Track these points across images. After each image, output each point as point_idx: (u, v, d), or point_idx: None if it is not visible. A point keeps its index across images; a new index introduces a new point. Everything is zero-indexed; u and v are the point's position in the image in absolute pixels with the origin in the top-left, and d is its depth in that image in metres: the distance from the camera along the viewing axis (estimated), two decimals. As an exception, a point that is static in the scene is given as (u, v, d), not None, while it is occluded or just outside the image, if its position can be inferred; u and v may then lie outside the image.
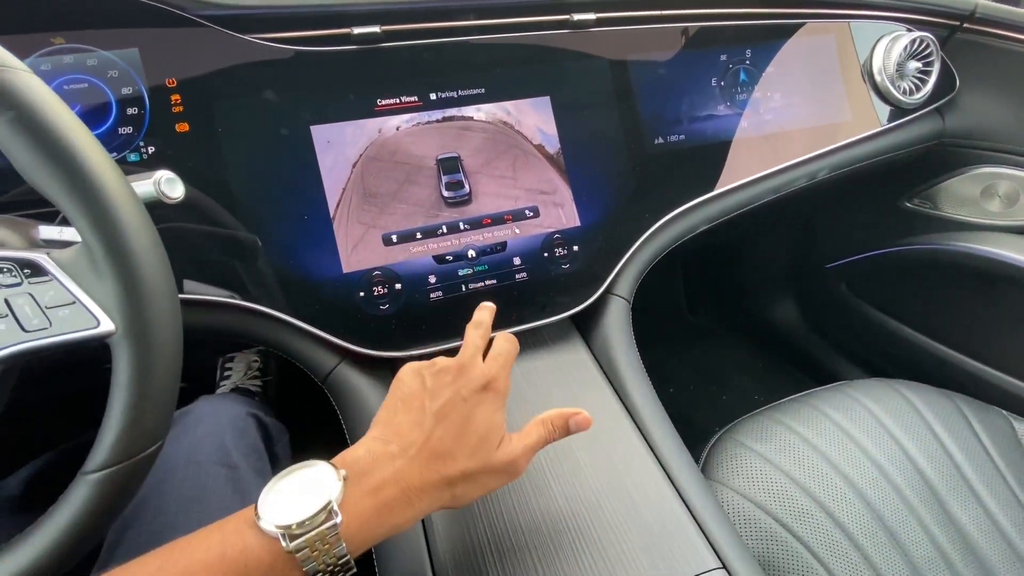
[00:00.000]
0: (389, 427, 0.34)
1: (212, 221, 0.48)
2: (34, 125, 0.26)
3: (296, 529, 0.27)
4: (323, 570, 0.28)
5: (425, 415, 0.34)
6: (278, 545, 0.27)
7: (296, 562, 0.28)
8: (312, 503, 0.28)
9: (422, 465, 0.32)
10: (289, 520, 0.27)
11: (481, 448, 0.34)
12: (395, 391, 0.36)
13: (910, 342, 0.88)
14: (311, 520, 0.28)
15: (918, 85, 0.70)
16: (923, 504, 0.56)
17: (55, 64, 0.45)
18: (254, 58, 0.49)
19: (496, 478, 0.35)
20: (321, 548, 0.28)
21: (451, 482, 0.33)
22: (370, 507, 0.30)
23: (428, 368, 0.37)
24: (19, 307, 0.29)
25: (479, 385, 0.36)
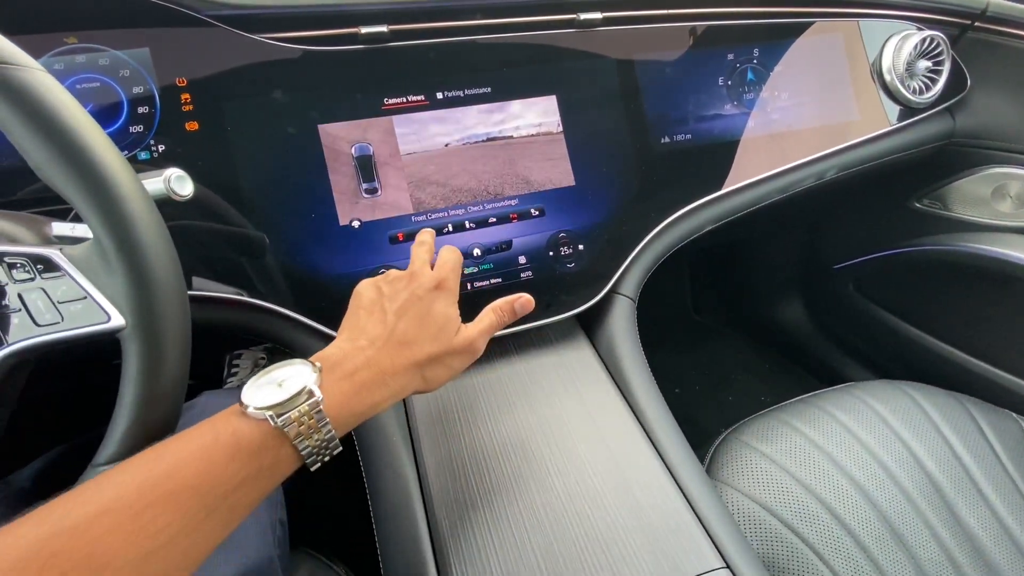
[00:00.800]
0: (355, 330, 0.37)
1: (220, 219, 0.49)
2: (48, 124, 0.27)
3: (280, 408, 0.29)
4: (311, 444, 0.30)
5: (387, 314, 0.37)
6: (267, 424, 0.29)
7: (285, 438, 0.29)
8: (293, 387, 0.30)
9: (391, 352, 0.35)
10: (272, 401, 0.29)
11: (441, 334, 0.38)
12: (354, 302, 0.40)
13: (918, 343, 0.88)
14: (293, 400, 0.29)
15: (928, 84, 0.69)
16: (930, 506, 0.56)
17: (68, 63, 0.46)
18: (263, 58, 0.50)
19: (460, 359, 0.39)
20: (307, 423, 0.30)
21: (420, 364, 0.36)
22: (347, 388, 0.33)
23: (383, 279, 0.41)
24: (32, 302, 0.30)
25: (431, 285, 0.40)
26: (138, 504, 0.24)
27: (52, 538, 0.22)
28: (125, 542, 0.23)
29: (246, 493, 0.28)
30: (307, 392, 0.30)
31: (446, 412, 0.48)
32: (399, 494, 0.43)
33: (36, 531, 0.22)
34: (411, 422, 0.48)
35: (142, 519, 0.24)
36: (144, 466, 0.26)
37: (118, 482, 0.25)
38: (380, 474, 0.45)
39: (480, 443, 0.45)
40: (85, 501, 0.24)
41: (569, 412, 0.47)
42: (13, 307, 0.30)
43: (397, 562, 0.40)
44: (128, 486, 0.25)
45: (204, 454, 0.27)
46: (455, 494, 0.42)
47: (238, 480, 0.27)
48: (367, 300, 0.39)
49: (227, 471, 0.27)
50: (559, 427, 0.46)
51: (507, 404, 0.48)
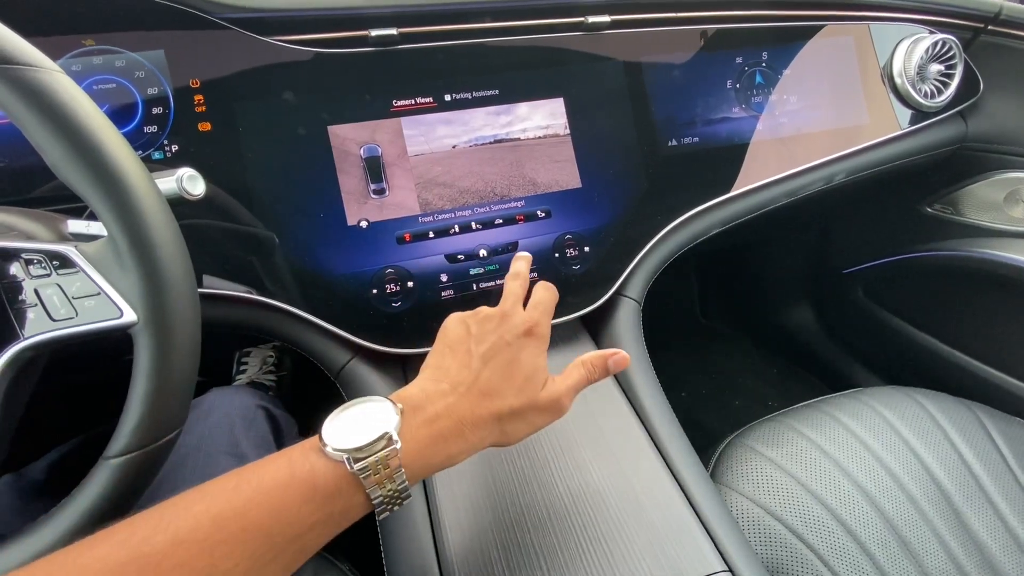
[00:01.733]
0: (439, 370, 0.36)
1: (231, 218, 0.49)
2: (65, 123, 0.27)
3: (359, 453, 0.28)
4: (383, 494, 0.29)
5: (472, 357, 0.36)
6: (343, 468, 0.28)
7: (360, 485, 0.29)
8: (373, 430, 0.29)
9: (472, 401, 0.34)
10: (352, 444, 0.29)
11: (527, 387, 0.36)
12: (441, 339, 0.38)
13: (929, 350, 0.87)
14: (372, 445, 0.29)
15: (940, 88, 0.69)
16: (938, 514, 0.55)
17: (85, 65, 0.47)
18: (274, 59, 0.51)
19: (542, 416, 0.36)
20: (383, 472, 0.29)
21: (500, 418, 0.34)
22: (426, 436, 0.31)
23: (472, 316, 0.39)
24: (48, 297, 0.30)
25: (522, 330, 0.37)
26: (211, 540, 0.24)
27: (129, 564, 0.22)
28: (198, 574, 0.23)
29: (313, 538, 0.28)
30: (387, 438, 0.29)
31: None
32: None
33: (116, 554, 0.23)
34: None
35: (214, 556, 0.24)
36: (221, 497, 0.26)
37: (198, 512, 0.25)
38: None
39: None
40: (165, 527, 0.24)
41: (573, 414, 0.47)
42: (29, 302, 0.31)
43: (400, 560, 0.40)
44: (203, 518, 0.25)
45: (279, 492, 0.27)
46: (458, 493, 0.42)
47: (309, 524, 0.27)
48: (453, 337, 0.37)
49: (300, 513, 0.27)
50: (562, 429, 0.46)
51: (511, 404, 0.49)
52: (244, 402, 0.55)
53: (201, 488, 0.26)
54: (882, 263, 0.91)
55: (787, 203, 0.65)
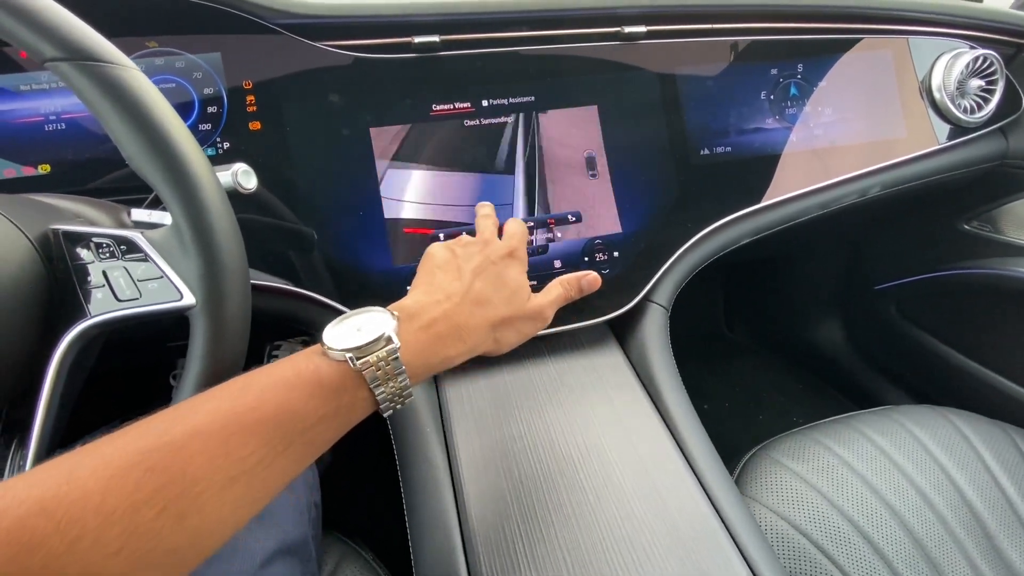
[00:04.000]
0: (430, 285, 0.38)
1: (275, 213, 0.52)
2: (143, 119, 0.30)
3: (360, 352, 0.30)
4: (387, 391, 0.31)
5: (462, 272, 0.39)
6: (346, 366, 0.30)
7: (363, 381, 0.30)
8: (372, 333, 0.31)
9: (467, 309, 0.37)
10: (353, 344, 0.30)
11: (514, 299, 0.40)
12: (427, 262, 0.41)
13: (963, 370, 0.84)
14: (372, 345, 0.30)
15: (980, 104, 0.68)
16: (969, 537, 0.54)
17: (148, 65, 0.50)
18: (322, 63, 0.53)
19: (530, 324, 0.42)
20: (385, 369, 0.30)
21: (493, 325, 0.38)
22: (424, 339, 0.34)
23: (455, 243, 0.42)
24: (115, 279, 0.33)
25: (505, 252, 0.42)
26: (226, 430, 0.25)
27: (150, 452, 0.23)
28: (213, 464, 0.24)
29: (322, 431, 0.29)
30: (386, 339, 0.31)
31: (478, 408, 0.49)
32: (431, 485, 0.45)
33: (136, 444, 0.24)
34: (444, 416, 0.49)
35: (229, 445, 0.25)
36: (231, 396, 0.27)
37: (210, 408, 0.26)
38: (413, 465, 0.47)
39: (511, 440, 0.46)
40: (181, 420, 0.25)
41: (599, 415, 0.48)
42: (96, 283, 0.33)
43: (427, 550, 0.41)
44: (217, 412, 0.26)
45: (286, 389, 0.28)
46: (485, 487, 0.43)
47: (317, 417, 0.28)
48: (440, 259, 0.40)
49: (307, 407, 0.28)
50: (589, 429, 0.47)
51: (538, 404, 0.49)
52: None
53: (208, 392, 0.28)
54: (917, 280, 0.89)
55: (819, 216, 0.65)
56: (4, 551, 0.19)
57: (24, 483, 0.21)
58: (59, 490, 0.21)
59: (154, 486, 0.22)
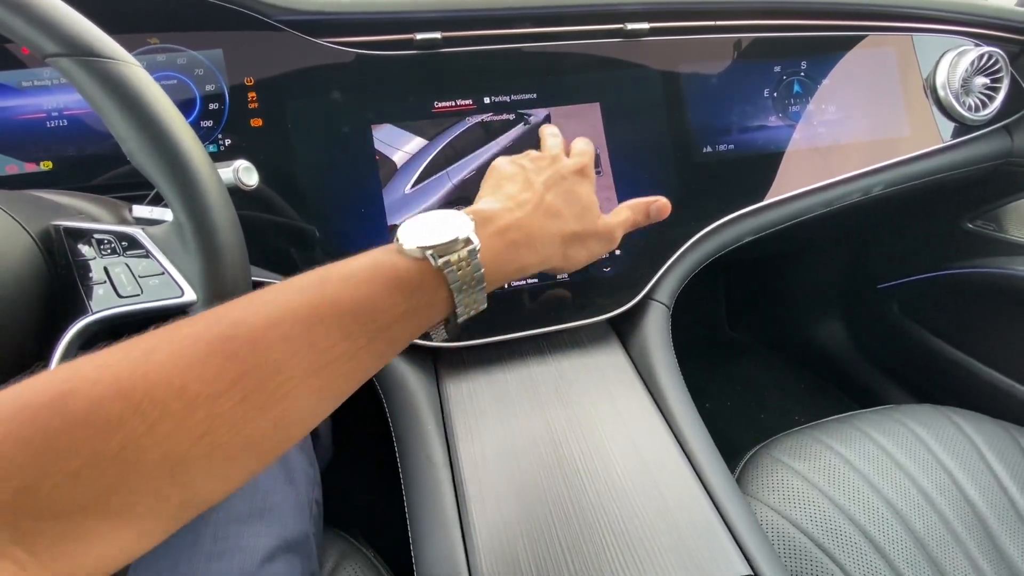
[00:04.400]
0: (500, 192, 0.36)
1: (277, 211, 0.52)
2: (144, 115, 0.30)
3: (439, 250, 0.29)
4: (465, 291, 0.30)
5: (532, 184, 0.36)
6: (426, 263, 0.29)
7: (443, 280, 0.29)
8: (451, 231, 0.30)
9: (540, 218, 0.35)
10: (433, 241, 0.29)
11: (586, 215, 0.38)
12: (493, 174, 0.39)
13: (966, 369, 0.84)
14: (452, 244, 0.29)
15: (985, 102, 0.67)
16: (971, 536, 0.54)
17: (150, 62, 0.50)
18: (323, 60, 0.53)
19: (599, 243, 0.39)
20: (465, 269, 0.29)
21: (565, 238, 0.36)
22: (499, 244, 0.32)
23: (522, 156, 0.40)
24: (116, 275, 0.33)
25: (575, 168, 0.39)
26: (308, 320, 0.24)
27: (229, 340, 0.22)
28: (296, 353, 0.23)
29: (403, 328, 0.28)
30: (466, 239, 0.30)
31: (480, 406, 0.49)
32: (432, 483, 0.45)
33: (214, 330, 0.22)
34: (445, 413, 0.49)
35: (312, 334, 0.24)
36: (310, 288, 0.26)
37: (289, 298, 0.25)
38: (414, 463, 0.47)
39: (512, 438, 0.46)
40: (257, 311, 0.24)
41: (600, 413, 0.48)
42: (97, 279, 0.33)
43: (428, 548, 0.41)
44: (297, 303, 0.25)
45: (366, 285, 0.27)
46: (486, 485, 0.43)
47: (397, 313, 0.27)
48: (509, 171, 0.38)
49: (386, 303, 0.27)
50: (590, 427, 0.47)
51: (539, 402, 0.49)
52: None
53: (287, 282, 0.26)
54: (919, 279, 0.89)
55: (822, 214, 0.65)
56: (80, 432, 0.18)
57: (93, 364, 0.20)
58: (135, 372, 0.20)
59: (235, 374, 0.22)
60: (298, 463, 0.46)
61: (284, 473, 0.45)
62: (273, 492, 0.42)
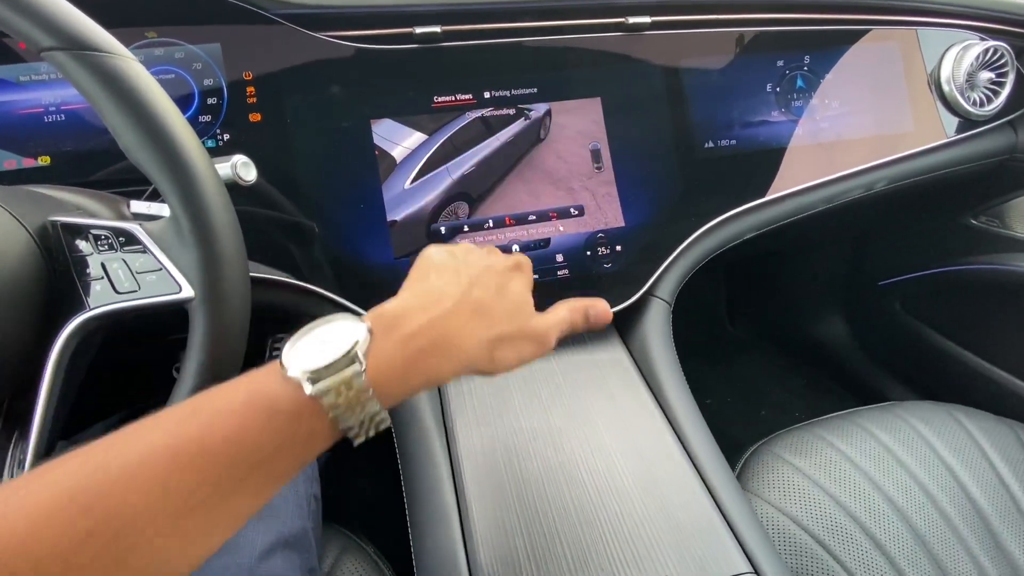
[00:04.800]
0: (421, 286, 0.32)
1: (277, 206, 0.51)
2: (140, 110, 0.29)
3: (318, 375, 0.26)
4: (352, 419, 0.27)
5: (460, 277, 0.33)
6: (302, 391, 0.26)
7: (321, 409, 0.26)
8: (336, 350, 0.26)
9: (462, 319, 0.31)
10: (311, 366, 0.26)
11: (518, 314, 0.34)
12: (421, 262, 0.35)
13: (968, 366, 0.84)
14: (333, 364, 0.26)
15: (990, 96, 0.67)
16: (972, 533, 0.54)
17: (148, 56, 0.49)
18: (322, 54, 0.52)
19: (531, 345, 0.34)
20: (346, 394, 0.26)
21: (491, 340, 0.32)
22: (403, 355, 0.28)
23: (455, 247, 0.37)
24: (113, 271, 0.32)
25: (511, 263, 0.36)
26: (167, 466, 0.23)
27: (82, 492, 0.21)
28: (151, 503, 0.22)
29: (281, 463, 0.26)
30: (350, 358, 0.26)
31: (480, 402, 0.49)
32: (432, 479, 0.44)
33: (68, 481, 0.22)
34: (445, 409, 0.49)
35: (169, 482, 0.23)
36: (176, 425, 0.24)
37: (149, 440, 0.23)
38: (414, 459, 0.47)
39: (512, 434, 0.46)
40: (118, 454, 0.23)
41: (600, 410, 0.48)
42: (95, 275, 0.33)
43: (427, 545, 0.41)
44: (157, 445, 0.23)
45: (237, 418, 0.25)
46: (486, 482, 0.43)
47: (272, 448, 0.25)
48: (438, 260, 0.35)
49: (260, 438, 0.25)
50: (590, 424, 0.47)
51: (539, 399, 0.49)
52: None
53: (156, 416, 0.25)
54: (922, 275, 0.88)
55: (825, 210, 0.64)
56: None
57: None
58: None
59: (87, 527, 0.21)
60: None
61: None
62: None
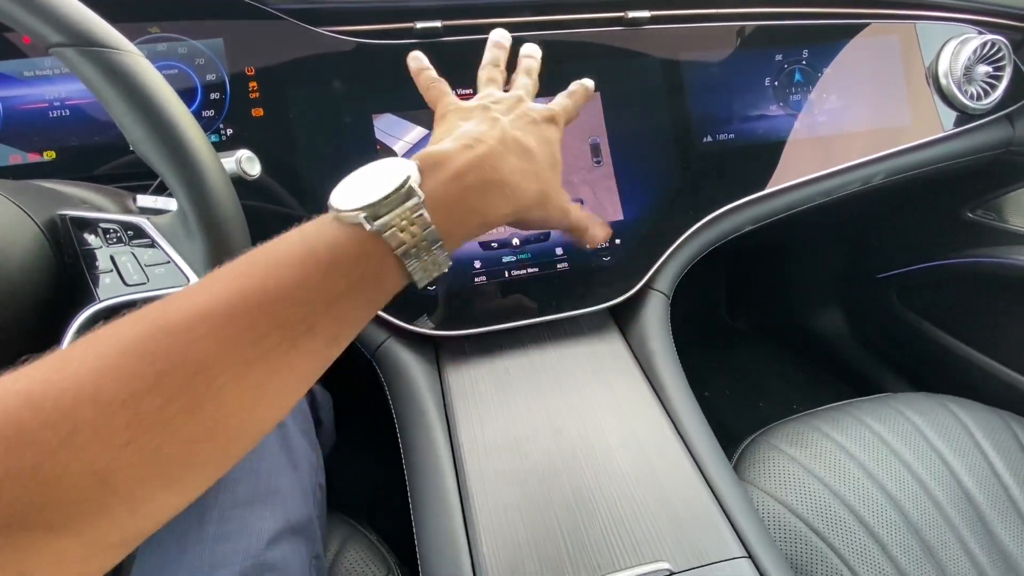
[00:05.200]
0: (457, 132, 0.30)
1: (279, 201, 0.52)
2: (147, 105, 0.30)
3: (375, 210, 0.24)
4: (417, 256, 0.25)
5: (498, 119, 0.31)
6: (363, 231, 0.24)
7: (386, 246, 0.25)
8: (386, 185, 0.25)
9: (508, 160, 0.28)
10: (364, 200, 0.24)
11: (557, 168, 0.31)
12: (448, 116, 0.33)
13: (963, 358, 0.85)
14: (388, 200, 0.24)
15: (987, 90, 0.67)
16: (964, 521, 0.55)
17: (151, 51, 0.50)
18: (324, 49, 0.53)
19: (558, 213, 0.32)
20: (410, 230, 0.25)
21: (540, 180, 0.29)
22: (455, 192, 0.27)
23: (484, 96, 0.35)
24: (122, 264, 0.33)
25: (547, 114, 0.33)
26: (230, 313, 0.22)
27: (148, 339, 0.20)
28: (222, 348, 0.21)
29: (351, 306, 0.24)
30: (406, 191, 0.25)
31: (480, 392, 0.50)
32: (434, 468, 0.45)
33: (132, 330, 0.21)
34: (447, 400, 0.50)
35: (237, 327, 0.22)
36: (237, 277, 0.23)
37: (213, 290, 0.22)
38: (416, 448, 0.47)
39: (512, 424, 0.47)
40: (178, 307, 0.22)
41: (599, 401, 0.49)
42: (104, 268, 0.34)
43: (430, 533, 0.42)
44: (221, 294, 0.22)
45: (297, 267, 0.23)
46: (487, 471, 0.44)
47: (337, 292, 0.24)
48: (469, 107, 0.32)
49: (323, 282, 0.23)
50: (589, 414, 0.48)
51: (539, 389, 0.50)
52: None
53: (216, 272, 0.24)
54: (919, 268, 0.89)
55: (823, 204, 0.65)
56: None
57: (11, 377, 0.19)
58: (48, 380, 0.19)
59: (154, 373, 0.20)
60: (301, 449, 0.47)
61: (287, 458, 0.46)
62: (277, 477, 0.43)
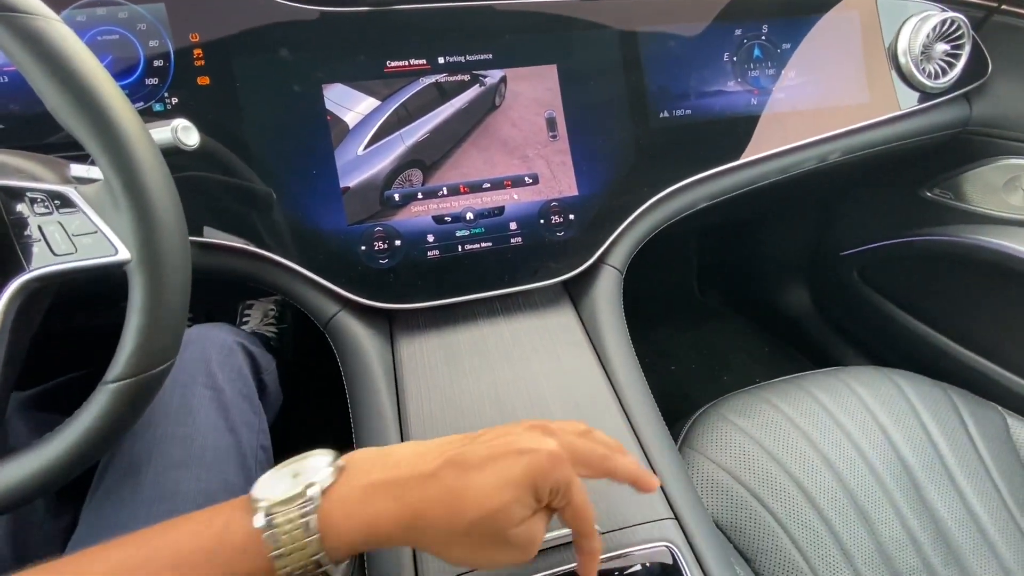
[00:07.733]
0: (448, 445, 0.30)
1: (228, 171, 0.51)
2: (64, 71, 0.29)
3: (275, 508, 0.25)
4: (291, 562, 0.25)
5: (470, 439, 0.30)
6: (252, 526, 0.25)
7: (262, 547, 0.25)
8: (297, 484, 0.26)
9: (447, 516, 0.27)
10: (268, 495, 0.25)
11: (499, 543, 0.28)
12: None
13: (915, 334, 0.87)
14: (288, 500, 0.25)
15: (945, 69, 0.68)
16: (898, 487, 0.57)
17: (90, 16, 0.49)
18: (272, 17, 0.52)
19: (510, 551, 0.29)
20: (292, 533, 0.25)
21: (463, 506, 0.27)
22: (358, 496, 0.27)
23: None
24: (50, 233, 0.33)
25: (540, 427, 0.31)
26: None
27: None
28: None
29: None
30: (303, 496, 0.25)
31: (430, 365, 0.51)
32: (381, 437, 0.47)
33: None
34: (398, 372, 0.51)
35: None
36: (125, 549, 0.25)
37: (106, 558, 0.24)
38: (365, 417, 0.48)
39: (459, 396, 0.48)
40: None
41: (546, 372, 0.50)
42: (34, 237, 0.34)
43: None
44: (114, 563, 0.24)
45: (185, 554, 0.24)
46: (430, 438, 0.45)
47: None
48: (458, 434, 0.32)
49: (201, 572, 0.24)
50: (534, 385, 0.49)
51: (488, 362, 0.51)
52: (221, 338, 0.55)
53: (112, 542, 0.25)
54: (879, 246, 0.91)
55: (783, 181, 0.65)
56: None
57: None
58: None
59: None
60: (238, 412, 0.47)
61: (224, 421, 0.46)
62: (211, 439, 0.43)
